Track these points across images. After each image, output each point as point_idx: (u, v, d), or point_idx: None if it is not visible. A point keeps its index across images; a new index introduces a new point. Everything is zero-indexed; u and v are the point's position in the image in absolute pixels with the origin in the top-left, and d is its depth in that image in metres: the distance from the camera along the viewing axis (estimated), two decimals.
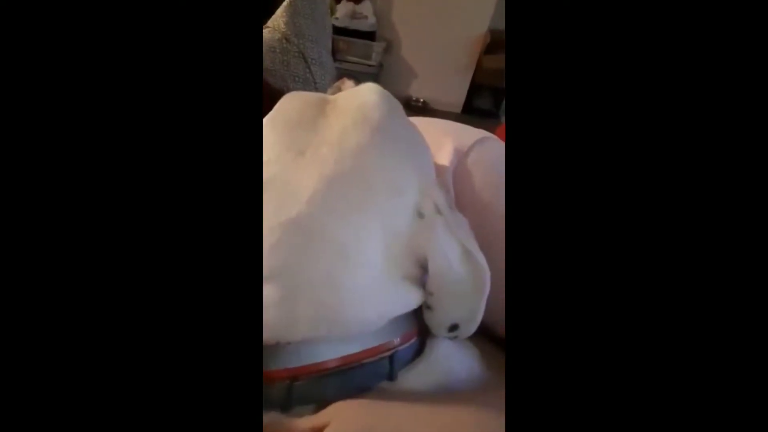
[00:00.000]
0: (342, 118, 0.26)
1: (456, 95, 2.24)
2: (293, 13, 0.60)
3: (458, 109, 2.28)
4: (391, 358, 0.24)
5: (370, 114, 0.25)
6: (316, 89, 0.61)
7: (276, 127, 0.26)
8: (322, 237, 0.23)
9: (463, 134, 0.33)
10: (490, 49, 2.05)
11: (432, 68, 2.24)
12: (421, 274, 0.24)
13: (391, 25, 2.18)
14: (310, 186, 0.23)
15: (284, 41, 0.59)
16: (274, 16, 0.61)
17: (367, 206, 0.23)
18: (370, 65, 2.09)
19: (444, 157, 0.32)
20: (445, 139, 0.33)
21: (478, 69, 2.15)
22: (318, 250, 0.23)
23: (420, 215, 0.24)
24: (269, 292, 0.23)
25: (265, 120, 0.28)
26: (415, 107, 2.26)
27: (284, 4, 0.61)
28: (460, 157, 0.31)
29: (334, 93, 0.31)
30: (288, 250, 0.23)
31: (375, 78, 2.10)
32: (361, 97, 0.27)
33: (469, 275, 0.24)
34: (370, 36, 2.11)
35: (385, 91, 0.28)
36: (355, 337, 0.24)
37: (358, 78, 0.34)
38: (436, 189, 0.25)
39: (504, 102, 2.17)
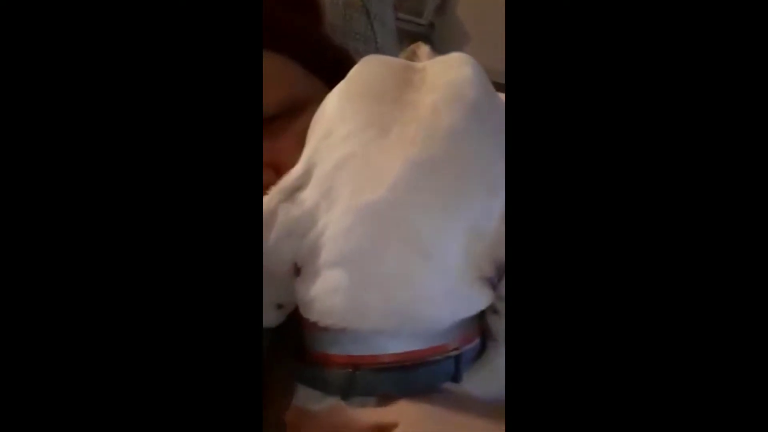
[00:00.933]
0: (432, 92, 0.23)
1: None
2: None
3: None
4: (457, 358, 0.23)
5: (465, 92, 0.23)
6: (377, 49, 0.57)
7: (354, 97, 0.24)
8: (402, 228, 0.21)
9: None
10: None
11: (489, 33, 2.11)
12: (497, 277, 0.23)
13: None
14: (394, 170, 0.21)
15: None
16: None
17: (457, 204, 0.22)
18: (420, 24, 1.99)
19: None
20: None
21: None
22: (395, 241, 0.21)
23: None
24: (338, 276, 0.22)
25: (339, 87, 0.26)
26: None
27: None
28: None
29: (408, 58, 0.29)
30: (363, 236, 0.21)
31: (425, 39, 2.00)
32: (454, 70, 0.24)
33: None
34: None
35: (478, 64, 0.25)
36: (421, 333, 0.22)
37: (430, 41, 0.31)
38: None
39: None
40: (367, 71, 0.26)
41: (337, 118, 0.24)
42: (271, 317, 0.26)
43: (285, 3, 0.31)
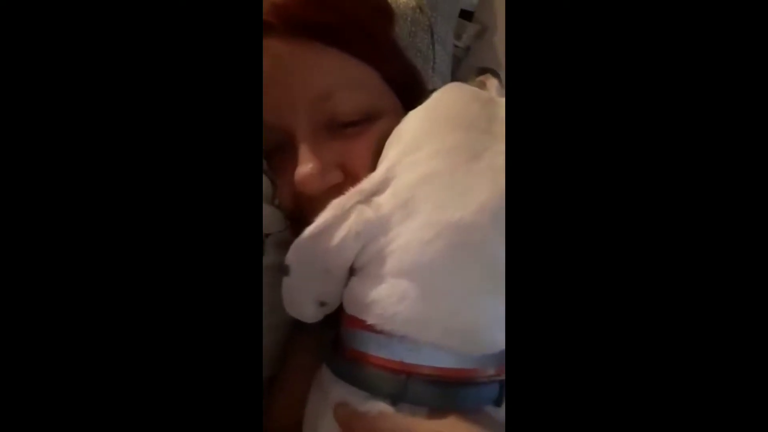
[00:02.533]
0: None
1: None
2: None
3: None
4: (501, 383, 0.24)
5: None
6: (434, 69, 0.59)
7: (442, 120, 0.25)
8: (480, 252, 0.22)
9: None
10: None
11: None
12: None
13: (492, 9, 2.09)
14: (482, 195, 0.22)
15: (418, 11, 0.56)
16: None
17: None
18: (457, 46, 2.02)
19: None
20: None
21: None
22: (470, 262, 0.22)
23: None
24: (407, 285, 0.23)
25: (425, 107, 0.27)
26: None
27: None
28: None
29: (475, 86, 0.30)
30: (440, 252, 0.22)
31: (459, 61, 2.03)
32: None
33: None
34: (467, 16, 2.02)
35: None
36: (474, 354, 0.23)
37: (497, 74, 0.32)
38: None
39: None
40: (454, 97, 0.27)
41: (423, 136, 0.25)
42: (310, 312, 0.26)
43: (365, 5, 0.32)
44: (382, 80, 0.32)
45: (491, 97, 0.27)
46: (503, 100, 0.27)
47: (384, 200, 0.24)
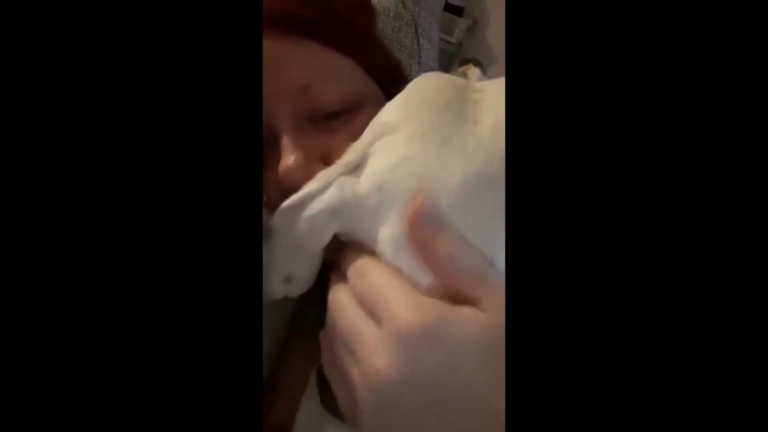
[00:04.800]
0: (492, 112, 0.24)
1: None
2: None
3: None
4: None
5: None
6: (419, 63, 0.59)
7: (416, 105, 0.25)
8: (461, 230, 0.22)
9: None
10: None
11: None
12: None
13: (483, 4, 2.09)
14: (453, 179, 0.22)
15: (400, 5, 0.56)
16: None
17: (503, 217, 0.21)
18: (449, 42, 2.02)
19: None
20: None
21: None
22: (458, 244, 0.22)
23: None
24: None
25: (402, 94, 0.26)
26: None
27: None
28: None
29: (458, 76, 0.30)
30: (417, 243, 0.22)
31: (453, 57, 2.03)
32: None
33: None
34: (457, 11, 2.02)
35: None
36: None
37: (479, 63, 0.32)
38: None
39: None
40: (427, 84, 0.26)
41: (398, 120, 0.24)
42: (274, 286, 0.25)
43: (348, 3, 0.32)
44: (365, 73, 0.32)
45: (466, 83, 0.27)
46: (484, 84, 0.27)
47: (361, 180, 0.23)
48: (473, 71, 0.31)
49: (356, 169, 0.24)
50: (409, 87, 0.27)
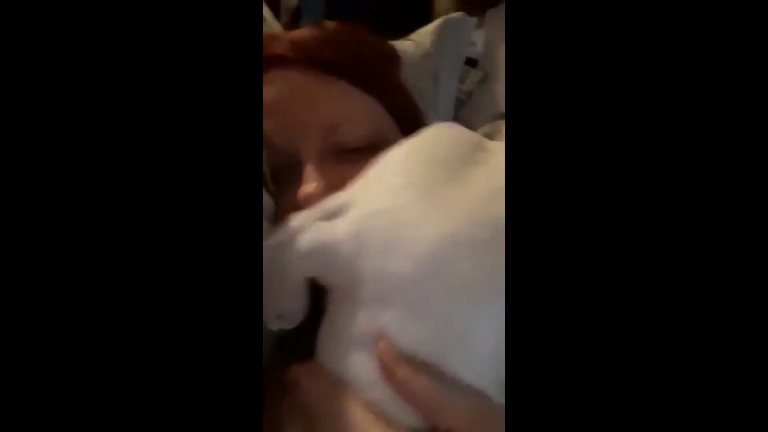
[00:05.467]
0: (491, 174, 0.23)
1: None
2: (442, 34, 0.62)
3: None
4: None
5: None
6: (436, 111, 0.63)
7: (415, 155, 0.24)
8: (428, 308, 0.20)
9: None
10: None
11: None
12: None
13: (495, 60, 2.19)
14: (419, 246, 0.20)
15: (426, 59, 0.61)
16: (421, 32, 0.63)
17: (473, 294, 0.20)
18: (461, 90, 2.10)
19: None
20: None
21: None
22: (421, 320, 0.20)
23: None
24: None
25: (409, 141, 0.26)
26: None
27: (436, 23, 0.63)
28: None
29: (492, 133, 0.29)
30: (393, 308, 0.21)
31: (461, 104, 2.10)
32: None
33: None
34: (472, 63, 2.11)
35: None
36: None
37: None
38: None
39: None
40: (439, 136, 0.26)
41: (392, 168, 0.24)
42: (270, 321, 0.25)
43: (375, 49, 0.36)
44: (386, 113, 0.35)
45: (480, 142, 0.26)
46: (496, 144, 0.26)
47: (339, 225, 0.23)
48: (503, 129, 0.30)
49: (337, 214, 0.23)
50: (420, 135, 0.26)
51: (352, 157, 0.31)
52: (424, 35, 0.62)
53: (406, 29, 0.64)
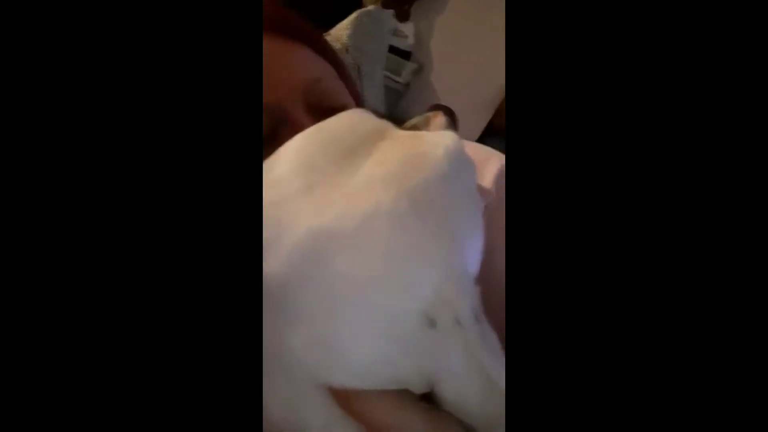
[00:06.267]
0: (376, 166, 0.21)
1: (471, 131, 2.32)
2: (357, 28, 0.64)
3: None
4: None
5: (413, 178, 0.20)
6: (363, 102, 0.65)
7: (309, 144, 0.22)
8: (295, 312, 0.18)
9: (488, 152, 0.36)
10: None
11: (455, 100, 2.33)
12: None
13: (428, 50, 2.26)
14: (296, 236, 0.18)
15: (344, 52, 0.63)
16: (337, 27, 0.65)
17: (355, 292, 0.18)
18: (397, 81, 2.15)
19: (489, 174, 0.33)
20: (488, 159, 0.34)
21: (498, 113, 2.23)
22: (287, 325, 0.18)
23: (431, 324, 0.19)
24: None
25: (309, 129, 0.24)
26: None
27: (351, 17, 0.65)
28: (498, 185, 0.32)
29: (420, 123, 0.27)
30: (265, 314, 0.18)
31: (399, 95, 2.15)
32: (421, 147, 0.22)
33: (486, 412, 0.19)
34: (405, 55, 2.17)
35: (461, 150, 0.23)
36: None
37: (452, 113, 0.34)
38: (461, 293, 0.20)
39: None
40: (338, 123, 0.24)
41: (284, 155, 0.21)
42: None
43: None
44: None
45: (384, 129, 0.23)
46: (402, 133, 0.24)
47: None
48: (436, 121, 0.27)
49: None
50: (321, 122, 0.24)
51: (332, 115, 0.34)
52: (340, 29, 0.64)
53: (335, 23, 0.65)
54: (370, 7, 0.64)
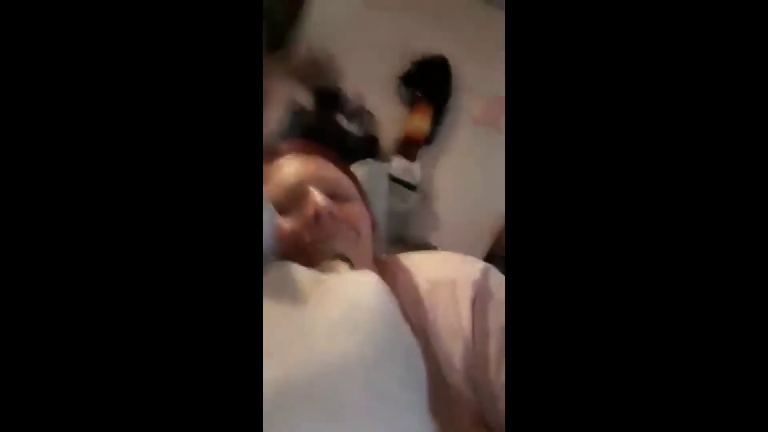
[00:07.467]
0: (316, 310, 0.24)
1: (472, 255, 2.43)
2: (361, 176, 0.82)
3: None
4: None
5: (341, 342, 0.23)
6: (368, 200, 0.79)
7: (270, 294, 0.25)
8: None
9: (467, 263, 0.46)
10: None
11: (456, 227, 2.50)
12: None
13: (431, 184, 2.53)
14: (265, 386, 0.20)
15: None
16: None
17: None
18: (406, 208, 2.37)
19: (462, 291, 0.41)
20: (456, 272, 0.44)
21: (498, 241, 2.40)
22: None
23: None
24: None
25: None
26: None
27: (353, 168, 0.83)
28: (480, 286, 0.41)
29: (326, 269, 0.34)
30: None
31: (404, 218, 2.35)
32: (348, 298, 0.25)
33: None
34: (413, 188, 2.43)
35: (383, 291, 0.28)
36: None
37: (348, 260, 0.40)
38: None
39: None
40: (284, 273, 0.28)
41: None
42: None
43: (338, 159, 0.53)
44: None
45: (315, 279, 0.28)
46: (334, 281, 0.29)
47: None
48: (340, 265, 0.36)
49: None
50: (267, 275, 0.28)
51: (341, 202, 0.45)
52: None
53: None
54: (368, 160, 0.84)
